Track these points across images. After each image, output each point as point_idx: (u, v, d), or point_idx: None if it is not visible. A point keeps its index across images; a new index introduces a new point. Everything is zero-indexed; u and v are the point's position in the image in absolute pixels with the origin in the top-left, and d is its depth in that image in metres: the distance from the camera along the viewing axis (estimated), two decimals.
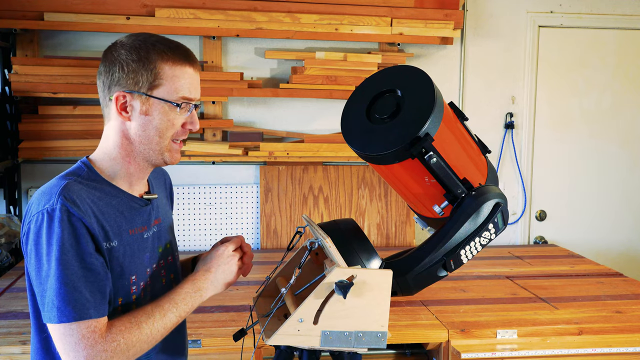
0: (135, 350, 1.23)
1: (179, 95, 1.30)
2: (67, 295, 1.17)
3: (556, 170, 3.74)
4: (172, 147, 1.34)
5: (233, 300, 2.44)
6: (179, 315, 1.30)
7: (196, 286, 1.34)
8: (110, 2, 3.07)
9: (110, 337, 1.20)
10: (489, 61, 3.60)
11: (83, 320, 1.17)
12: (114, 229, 1.27)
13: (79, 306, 1.17)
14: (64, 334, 1.18)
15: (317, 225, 1.53)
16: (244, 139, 3.31)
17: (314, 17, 3.22)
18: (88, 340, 1.18)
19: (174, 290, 1.32)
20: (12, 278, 2.73)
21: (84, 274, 1.19)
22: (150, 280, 1.38)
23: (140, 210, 1.36)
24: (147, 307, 1.27)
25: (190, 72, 1.32)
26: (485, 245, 1.50)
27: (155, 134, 1.31)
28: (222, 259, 1.39)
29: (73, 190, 1.22)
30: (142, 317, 1.25)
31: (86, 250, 1.20)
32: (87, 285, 1.19)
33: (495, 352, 2.18)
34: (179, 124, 1.32)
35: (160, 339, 1.28)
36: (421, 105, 1.40)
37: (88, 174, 1.30)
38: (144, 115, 1.29)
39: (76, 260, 1.18)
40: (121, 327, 1.22)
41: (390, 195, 3.47)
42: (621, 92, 3.75)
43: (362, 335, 1.36)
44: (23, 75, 3.04)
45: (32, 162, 3.25)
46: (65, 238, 1.17)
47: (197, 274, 1.36)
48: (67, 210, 1.18)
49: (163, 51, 1.28)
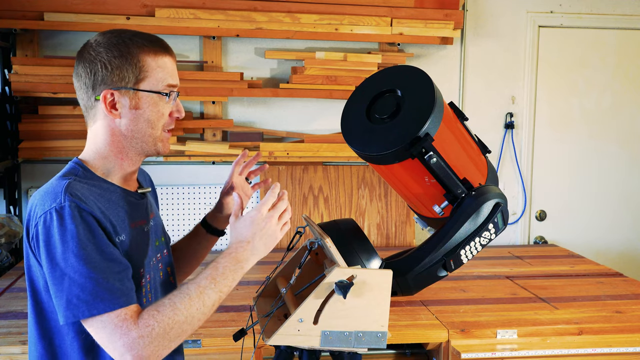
0: (175, 332, 1.19)
1: (165, 84, 1.31)
2: (94, 289, 1.15)
3: (556, 170, 3.74)
4: (164, 137, 1.35)
5: (233, 300, 2.44)
6: (220, 291, 1.25)
7: (236, 259, 1.29)
8: (110, 2, 3.07)
9: (143, 322, 1.17)
10: (489, 61, 3.60)
11: (113, 311, 1.16)
12: (120, 223, 1.28)
13: (108, 297, 1.16)
14: (97, 328, 1.16)
15: (317, 225, 1.53)
16: (244, 139, 3.31)
17: (314, 17, 3.22)
18: (122, 329, 1.15)
19: (211, 266, 1.27)
20: (12, 278, 2.73)
21: (107, 265, 1.18)
22: (153, 273, 1.39)
23: (138, 204, 1.37)
24: (183, 287, 1.24)
25: (169, 61, 1.33)
26: (485, 245, 1.50)
27: (148, 126, 1.31)
28: (259, 225, 1.31)
29: (76, 187, 1.22)
30: (177, 298, 1.21)
31: (103, 241, 1.19)
32: (113, 275, 1.18)
33: (495, 352, 2.18)
34: (167, 113, 1.34)
35: (202, 318, 1.24)
36: (421, 105, 1.40)
37: (84, 173, 1.30)
38: (134, 109, 1.30)
39: (96, 253, 1.17)
40: (153, 311, 1.19)
41: (390, 195, 3.47)
42: (621, 92, 3.75)
43: (362, 335, 1.36)
44: (23, 75, 3.04)
45: (32, 162, 3.25)
46: (81, 233, 1.17)
47: (233, 245, 1.31)
48: (77, 206, 1.18)
49: (143, 44, 1.29)
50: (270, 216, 1.33)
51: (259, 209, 1.32)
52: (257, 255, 1.32)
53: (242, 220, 1.33)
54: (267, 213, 1.32)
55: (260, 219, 1.32)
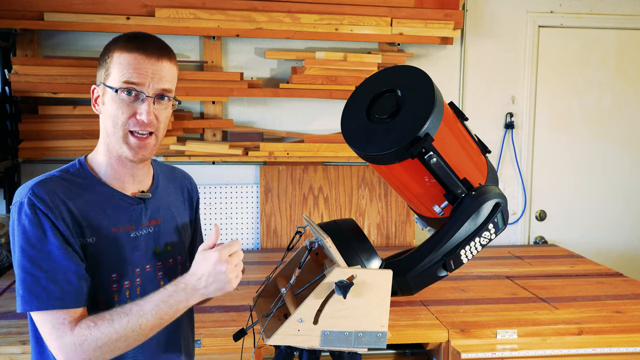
0: (108, 348, 1.21)
1: (121, 81, 1.27)
2: (30, 285, 1.20)
3: (556, 170, 3.74)
4: (130, 141, 1.30)
5: (233, 300, 2.44)
6: (161, 318, 1.23)
7: (184, 290, 1.25)
8: (110, 2, 3.07)
9: (79, 331, 1.20)
10: (489, 61, 3.60)
11: (52, 310, 1.20)
12: (92, 226, 1.28)
13: (43, 296, 1.20)
14: (38, 322, 1.23)
15: (317, 225, 1.52)
16: (244, 139, 3.31)
17: (314, 17, 3.22)
18: (58, 332, 1.21)
19: (157, 291, 1.25)
20: (12, 278, 2.73)
21: (51, 265, 1.21)
22: (140, 280, 1.36)
23: (129, 208, 1.35)
24: (127, 305, 1.24)
25: (140, 58, 1.27)
26: (485, 245, 1.50)
27: (110, 123, 1.31)
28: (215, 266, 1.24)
29: (47, 185, 1.25)
30: (117, 315, 1.22)
31: (55, 242, 1.22)
32: (57, 275, 1.21)
33: (495, 352, 2.18)
34: (127, 113, 1.28)
35: (139, 339, 1.23)
36: (421, 105, 1.40)
37: (78, 171, 1.33)
38: (102, 105, 1.32)
39: (42, 252, 1.21)
40: (90, 323, 1.21)
41: (390, 195, 3.47)
42: (621, 92, 3.75)
43: (362, 335, 1.36)
44: (23, 75, 3.04)
45: (32, 162, 3.25)
46: (31, 230, 1.21)
47: (187, 276, 1.26)
48: (33, 204, 1.22)
49: (118, 41, 1.30)
50: (228, 261, 1.25)
51: (220, 250, 1.25)
52: (204, 295, 1.26)
53: (203, 255, 1.27)
54: (226, 257, 1.25)
55: (217, 260, 1.24)
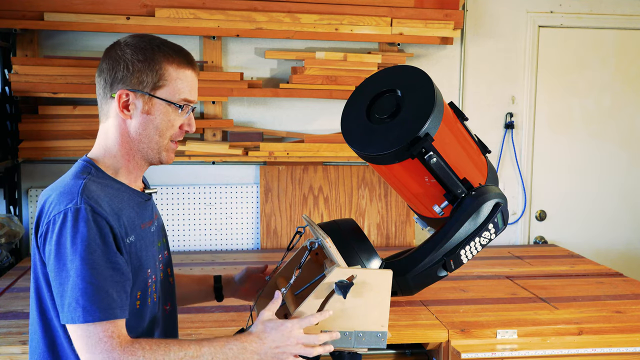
0: None
1: (181, 97, 1.33)
2: (94, 295, 1.16)
3: (556, 170, 3.74)
4: (170, 147, 1.37)
5: (233, 301, 2.43)
6: None
7: (244, 348, 1.26)
8: (110, 2, 3.07)
9: (130, 349, 1.17)
10: (489, 61, 3.60)
11: (107, 321, 1.17)
12: (130, 224, 1.29)
13: (105, 306, 1.17)
14: (83, 335, 1.17)
15: (317, 225, 1.52)
16: (244, 139, 3.31)
17: (314, 17, 3.22)
18: (105, 345, 1.16)
19: (218, 338, 1.27)
20: (12, 278, 2.73)
21: (110, 274, 1.19)
22: (157, 273, 1.40)
23: (145, 204, 1.39)
24: (185, 341, 1.24)
25: (191, 75, 1.35)
26: (485, 245, 1.50)
27: (155, 133, 1.33)
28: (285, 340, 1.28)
29: (92, 189, 1.24)
30: (174, 347, 1.21)
31: (111, 249, 1.21)
32: (114, 285, 1.19)
33: (495, 352, 2.18)
34: (178, 125, 1.36)
35: None
36: (421, 105, 1.40)
37: (96, 172, 1.31)
38: (146, 114, 1.32)
39: (103, 260, 1.19)
40: (145, 345, 1.19)
41: (390, 195, 3.47)
42: (621, 92, 3.75)
43: (362, 335, 1.36)
44: (23, 75, 3.04)
45: (32, 162, 3.25)
46: (92, 237, 1.18)
47: (251, 337, 1.29)
48: (93, 210, 1.20)
49: (169, 54, 1.32)
50: (298, 340, 1.29)
51: (294, 325, 1.29)
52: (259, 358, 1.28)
53: (274, 323, 1.30)
54: (298, 334, 1.29)
55: (289, 335, 1.29)
